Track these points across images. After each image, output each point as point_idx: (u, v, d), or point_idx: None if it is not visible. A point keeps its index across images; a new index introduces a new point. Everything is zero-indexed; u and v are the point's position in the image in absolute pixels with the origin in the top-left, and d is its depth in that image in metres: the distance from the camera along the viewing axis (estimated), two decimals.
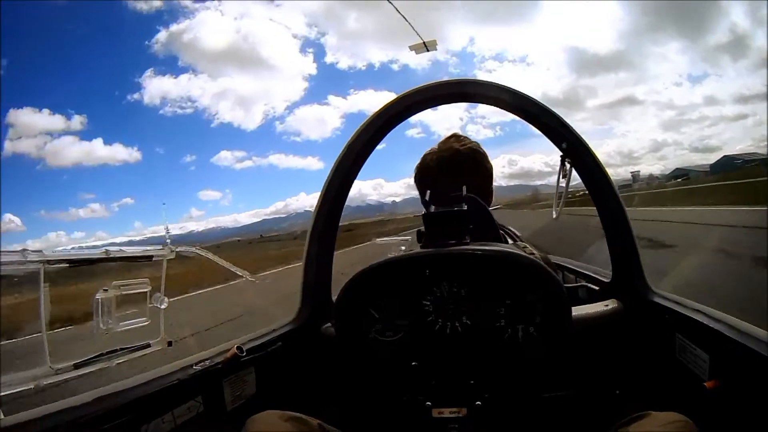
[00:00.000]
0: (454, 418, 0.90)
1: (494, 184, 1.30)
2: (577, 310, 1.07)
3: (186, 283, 10.37)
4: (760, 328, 0.81)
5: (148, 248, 1.12)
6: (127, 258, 1.05)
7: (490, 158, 1.30)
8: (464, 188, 1.03)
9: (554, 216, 1.31)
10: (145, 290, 1.05)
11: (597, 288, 1.26)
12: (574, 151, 1.14)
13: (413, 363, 0.91)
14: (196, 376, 0.95)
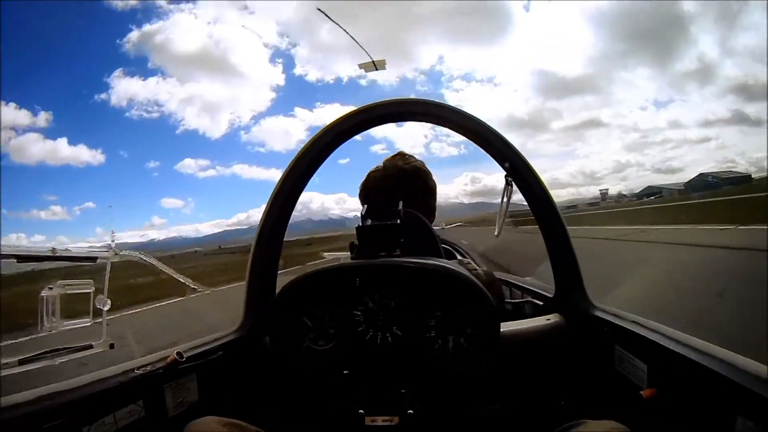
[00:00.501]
0: (386, 426, 0.92)
1: (456, 201, 1.47)
2: (520, 324, 1.12)
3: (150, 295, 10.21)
4: (695, 338, 0.85)
5: (94, 250, 1.13)
6: (72, 258, 1.06)
7: (454, 175, 1.44)
8: (401, 203, 1.05)
9: (496, 234, 1.35)
10: (89, 290, 1.05)
11: (541, 303, 1.32)
12: (516, 170, 1.18)
13: (345, 372, 0.94)
14: (137, 380, 0.96)
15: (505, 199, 1.26)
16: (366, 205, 1.00)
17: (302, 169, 1.26)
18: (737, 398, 0.67)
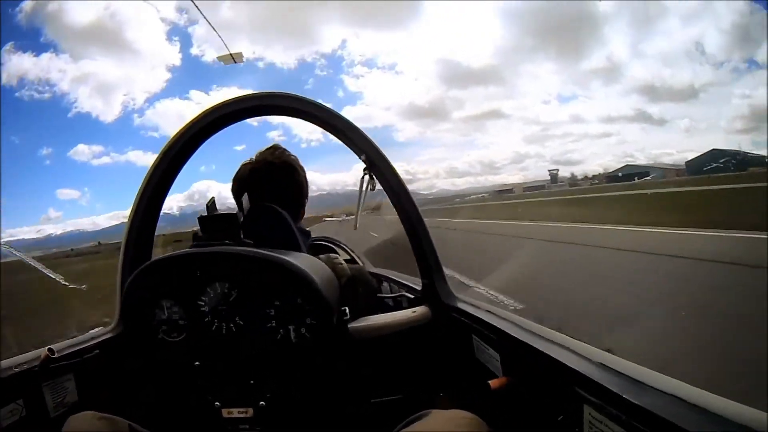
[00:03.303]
0: (243, 418, 0.93)
1: (354, 188, 1.33)
2: (388, 317, 1.15)
3: None
4: (544, 327, 0.87)
5: None
6: None
7: (352, 163, 1.31)
8: (245, 195, 1.06)
9: (355, 227, 1.38)
10: None
11: (412, 296, 1.34)
12: (373, 163, 1.20)
13: (196, 363, 0.94)
14: (14, 378, 0.93)
15: (363, 191, 1.26)
16: (213, 197, 0.99)
17: (165, 166, 1.25)
18: (583, 387, 0.67)
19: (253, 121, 1.35)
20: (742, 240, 7.58)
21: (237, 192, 1.24)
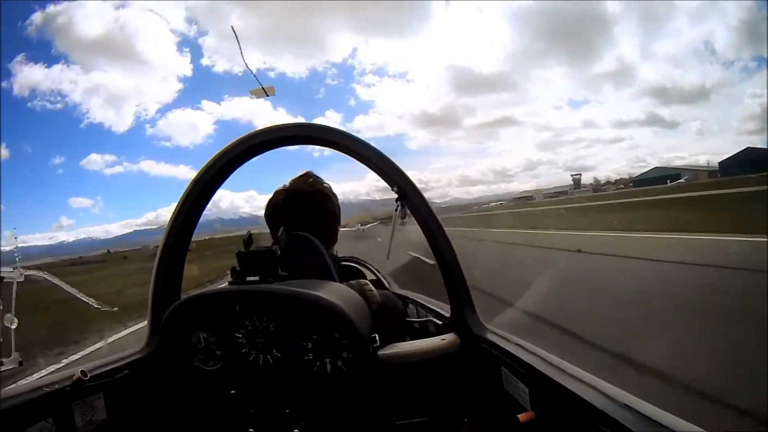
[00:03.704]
0: None
1: (367, 198, 1.52)
2: (417, 345, 1.17)
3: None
4: (571, 365, 0.88)
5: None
6: None
7: (366, 171, 1.32)
8: (281, 230, 1.08)
9: (387, 258, 1.39)
10: None
11: (440, 322, 1.35)
12: (405, 193, 1.23)
13: (232, 392, 0.98)
14: (46, 398, 0.96)
15: (395, 220, 1.29)
16: (249, 230, 1.03)
17: (197, 194, 1.30)
18: (607, 426, 0.69)
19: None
20: None
21: (270, 217, 1.32)
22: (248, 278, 0.98)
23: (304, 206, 1.29)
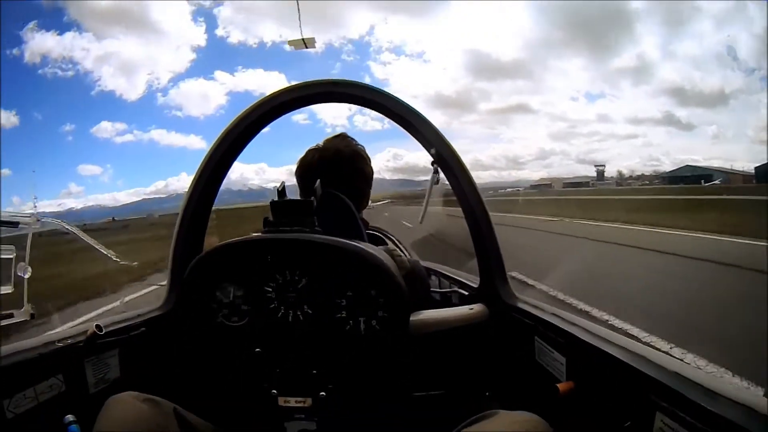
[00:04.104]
0: (300, 407, 0.91)
1: (378, 176, 1.34)
2: (443, 312, 1.12)
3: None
4: (613, 332, 0.85)
5: (15, 213, 1.06)
6: None
7: (377, 150, 1.36)
8: (318, 182, 1.04)
9: (420, 221, 1.34)
10: (10, 256, 1.00)
11: (467, 293, 1.31)
12: (442, 156, 1.17)
13: (257, 350, 0.92)
14: (57, 353, 0.92)
15: (431, 184, 1.24)
16: (283, 182, 0.97)
17: (230, 143, 1.24)
18: (656, 394, 0.66)
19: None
20: None
21: (302, 177, 1.27)
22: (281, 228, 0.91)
23: (339, 166, 1.25)
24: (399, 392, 1.10)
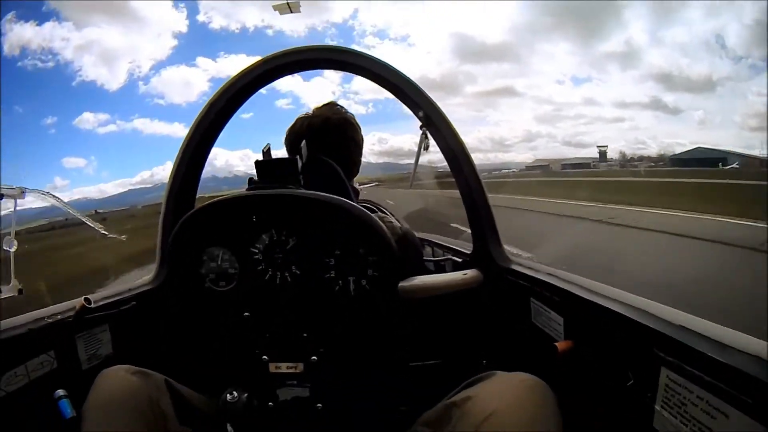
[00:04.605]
0: (291, 373, 0.90)
1: (364, 160, 1.31)
2: (437, 278, 1.08)
3: None
4: (612, 287, 0.82)
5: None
6: None
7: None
8: (303, 142, 1.00)
9: (410, 186, 1.33)
10: None
11: (460, 260, 1.28)
12: (430, 119, 1.14)
13: (246, 314, 0.90)
14: (47, 329, 0.90)
15: (419, 148, 1.22)
16: (268, 143, 0.94)
17: (214, 115, 1.19)
18: (660, 348, 0.64)
19: (261, 89, 1.28)
20: None
21: (290, 143, 1.24)
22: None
23: (329, 133, 1.21)
24: (395, 361, 1.08)
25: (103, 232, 1.31)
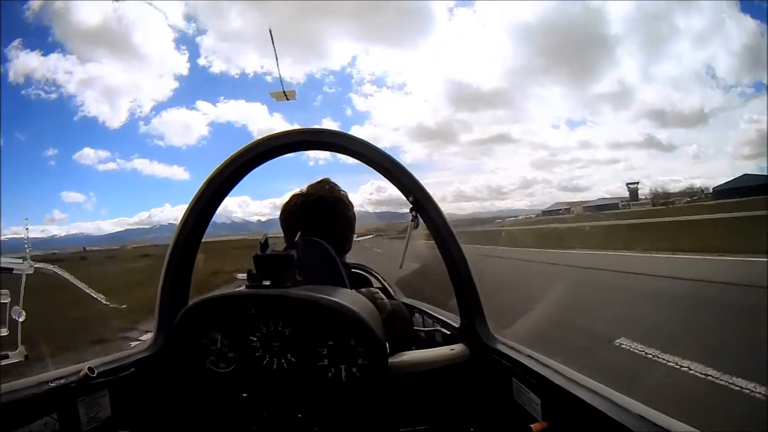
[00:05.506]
0: None
1: (362, 209, 1.44)
2: (426, 353, 1.17)
3: None
4: (585, 377, 0.88)
5: (10, 260, 1.11)
6: None
7: (360, 182, 1.42)
8: (298, 234, 1.07)
9: (400, 266, 1.38)
10: (5, 301, 1.04)
11: (449, 332, 1.34)
12: (420, 203, 1.22)
13: (244, 395, 0.97)
14: (51, 393, 0.95)
15: (409, 230, 1.28)
16: (266, 234, 1.01)
17: (208, 197, 1.28)
18: None
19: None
20: None
21: (286, 221, 1.30)
22: (264, 282, 0.96)
23: (321, 213, 1.29)
24: (384, 429, 1.14)
25: (105, 302, 1.41)
